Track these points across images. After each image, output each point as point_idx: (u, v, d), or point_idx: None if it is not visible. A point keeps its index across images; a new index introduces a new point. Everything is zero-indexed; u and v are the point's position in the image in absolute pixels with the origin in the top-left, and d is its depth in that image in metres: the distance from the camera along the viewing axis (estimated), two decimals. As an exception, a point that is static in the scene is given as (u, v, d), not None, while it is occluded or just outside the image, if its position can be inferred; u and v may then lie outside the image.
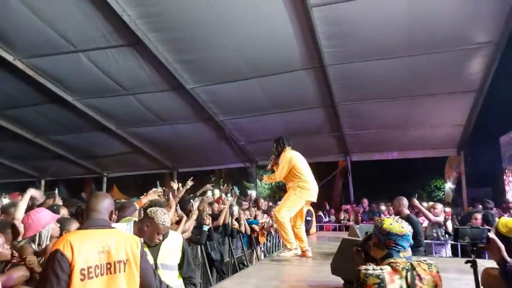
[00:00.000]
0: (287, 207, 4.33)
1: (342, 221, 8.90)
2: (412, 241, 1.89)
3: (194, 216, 4.35)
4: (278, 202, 9.92)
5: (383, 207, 8.15)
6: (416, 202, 5.43)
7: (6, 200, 5.02)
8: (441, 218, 5.41)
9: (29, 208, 3.04)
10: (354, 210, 8.62)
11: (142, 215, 2.83)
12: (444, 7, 4.44)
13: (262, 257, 6.66)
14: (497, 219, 4.56)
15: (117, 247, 1.87)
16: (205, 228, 4.67)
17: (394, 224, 1.85)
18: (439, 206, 5.52)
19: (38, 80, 5.84)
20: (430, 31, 4.83)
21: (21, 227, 2.82)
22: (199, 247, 4.79)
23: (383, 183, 18.04)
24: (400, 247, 1.81)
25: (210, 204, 5.65)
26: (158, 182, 4.04)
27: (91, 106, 6.92)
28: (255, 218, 6.74)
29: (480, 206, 6.61)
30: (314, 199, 4.43)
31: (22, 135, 7.93)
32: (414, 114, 7.12)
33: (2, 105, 6.87)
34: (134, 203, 3.44)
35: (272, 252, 6.86)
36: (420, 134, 7.92)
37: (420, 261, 1.78)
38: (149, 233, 2.49)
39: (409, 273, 1.70)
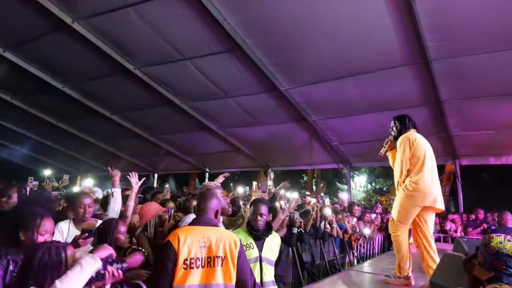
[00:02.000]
0: (399, 215, 3.52)
1: (449, 231, 8.06)
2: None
3: (281, 215, 4.24)
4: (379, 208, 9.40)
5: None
6: None
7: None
8: None
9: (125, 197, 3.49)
10: (462, 220, 7.73)
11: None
12: None
13: (355, 262, 6.46)
14: None
15: (216, 243, 2.10)
16: (295, 230, 4.75)
17: (505, 243, 1.62)
18: None
19: (153, 86, 6.68)
20: None
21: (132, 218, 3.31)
22: (290, 248, 4.90)
23: (502, 191, 15.71)
24: (511, 270, 1.58)
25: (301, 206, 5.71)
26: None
27: (196, 109, 7.62)
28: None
29: None
30: (437, 205, 3.50)
31: (139, 134, 9.15)
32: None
33: (125, 108, 8.04)
34: None
35: (366, 258, 6.60)
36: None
37: None
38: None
39: None
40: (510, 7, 4.09)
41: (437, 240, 8.23)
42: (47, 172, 7.50)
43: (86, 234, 2.48)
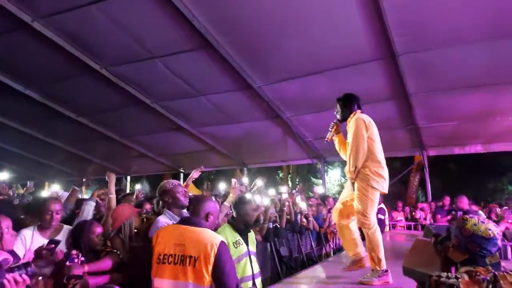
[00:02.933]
0: (371, 208, 3.28)
1: (418, 220, 8.38)
2: (500, 245, 1.68)
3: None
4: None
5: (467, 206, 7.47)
6: None
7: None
8: None
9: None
10: (431, 208, 8.06)
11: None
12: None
13: (332, 254, 6.59)
14: None
15: (191, 243, 2.13)
16: (270, 225, 4.80)
17: (480, 225, 1.65)
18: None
19: (122, 86, 6.48)
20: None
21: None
22: (268, 243, 4.93)
23: (467, 179, 16.50)
24: (485, 252, 1.60)
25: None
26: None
27: (167, 108, 7.47)
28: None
29: None
30: (386, 191, 3.40)
31: (109, 136, 8.87)
32: (501, 103, 6.38)
33: (93, 109, 7.76)
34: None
35: (342, 249, 6.75)
36: (508, 125, 7.07)
37: (507, 272, 1.51)
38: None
39: (490, 285, 1.47)
40: (472, 2, 4.27)
41: (408, 228, 8.56)
42: (3, 176, 7.10)
43: (52, 246, 2.38)
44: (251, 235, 3.10)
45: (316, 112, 7.29)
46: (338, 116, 3.68)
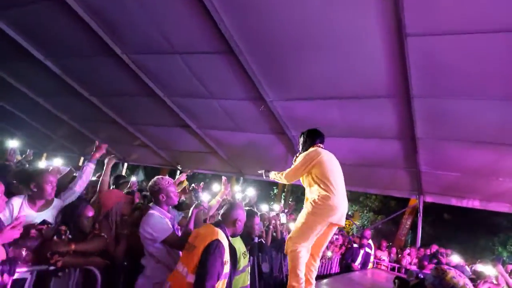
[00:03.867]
0: (302, 232, 3.27)
1: (403, 264, 8.31)
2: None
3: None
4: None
5: (457, 258, 7.39)
6: (502, 270, 4.90)
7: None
8: None
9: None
10: (418, 254, 7.99)
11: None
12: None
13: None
14: None
15: (198, 236, 2.63)
16: (256, 239, 4.78)
17: (458, 279, 1.71)
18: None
19: (138, 74, 6.55)
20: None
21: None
22: (252, 256, 4.90)
23: (458, 232, 16.37)
24: None
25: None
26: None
27: (178, 104, 7.53)
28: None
29: None
30: (341, 223, 3.32)
31: (116, 120, 8.93)
32: (505, 164, 6.38)
33: (106, 91, 7.84)
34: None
35: (324, 276, 6.69)
36: (510, 187, 7.06)
37: None
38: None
39: None
40: (489, 62, 4.33)
41: (392, 269, 8.46)
42: (13, 144, 7.13)
43: (44, 227, 2.40)
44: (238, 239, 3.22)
45: (324, 136, 7.29)
46: (300, 148, 3.78)
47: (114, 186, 4.64)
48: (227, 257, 2.59)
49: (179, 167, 11.35)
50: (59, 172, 4.30)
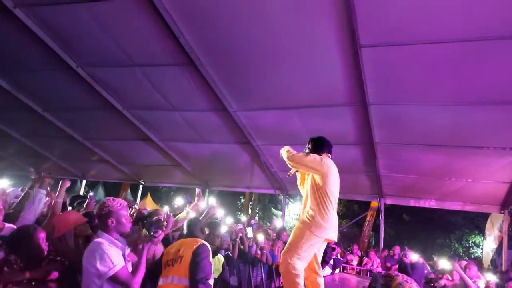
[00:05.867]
0: (302, 250, 3.12)
1: (365, 266, 8.55)
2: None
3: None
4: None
5: (416, 256, 7.71)
6: (458, 268, 5.17)
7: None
8: (482, 285, 5.07)
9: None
10: (380, 256, 8.26)
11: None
12: (495, 64, 4.33)
13: (281, 289, 6.53)
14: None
15: (181, 247, 2.91)
16: (222, 252, 4.74)
17: (405, 284, 1.77)
18: (474, 268, 5.19)
19: (96, 88, 6.32)
20: (480, 84, 4.72)
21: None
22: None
23: (418, 232, 17.14)
24: None
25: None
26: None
27: (139, 118, 7.33)
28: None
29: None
30: (335, 238, 3.34)
31: (72, 136, 8.51)
32: (457, 165, 6.82)
33: (60, 106, 7.47)
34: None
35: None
36: (461, 186, 7.53)
37: None
38: None
39: None
40: (445, 66, 4.63)
41: (358, 272, 8.69)
42: None
43: None
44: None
45: (286, 145, 7.40)
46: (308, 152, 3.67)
47: (71, 208, 4.40)
48: (211, 258, 2.94)
49: (141, 182, 11.02)
50: (4, 194, 4.01)
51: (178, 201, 7.29)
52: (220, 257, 3.56)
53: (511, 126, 5.41)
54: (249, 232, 6.11)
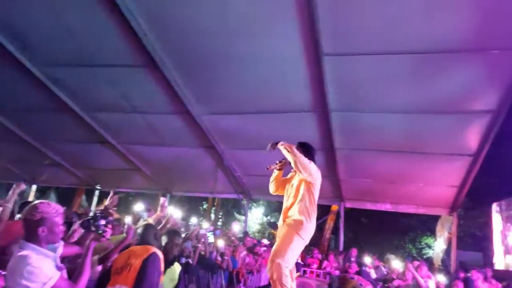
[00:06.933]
0: (292, 253, 3.20)
1: (327, 269, 8.75)
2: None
3: None
4: (264, 240, 9.72)
5: (368, 259, 8.03)
6: (412, 268, 5.42)
7: None
8: (432, 285, 5.36)
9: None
10: (338, 259, 8.49)
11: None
12: (448, 76, 4.64)
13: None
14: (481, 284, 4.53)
15: (131, 255, 2.80)
16: (183, 260, 4.66)
17: (358, 287, 1.83)
18: (425, 268, 5.50)
19: (51, 88, 5.97)
20: (433, 94, 5.03)
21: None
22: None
23: (375, 233, 17.83)
24: None
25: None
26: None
27: (97, 120, 7.03)
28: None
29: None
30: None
31: (22, 137, 7.97)
32: (410, 170, 7.20)
33: (11, 107, 6.97)
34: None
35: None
36: (414, 190, 7.96)
37: None
38: None
39: None
40: (401, 78, 4.88)
41: (317, 275, 8.86)
42: None
43: None
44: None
45: (249, 149, 7.46)
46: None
47: (19, 215, 4.11)
48: (162, 268, 2.86)
49: (97, 187, 10.54)
50: None
51: (138, 207, 7.02)
52: (177, 267, 3.41)
53: (458, 133, 5.81)
54: (211, 237, 6.05)
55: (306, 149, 3.67)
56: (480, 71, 4.49)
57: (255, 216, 21.43)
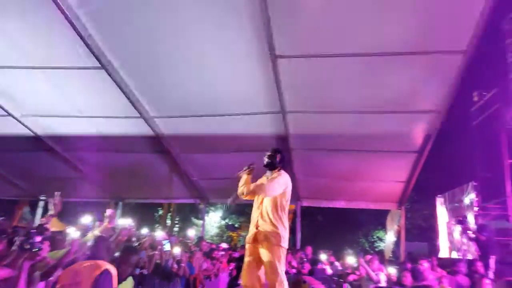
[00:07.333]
0: (282, 267, 3.37)
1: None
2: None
3: None
4: (223, 244, 9.60)
5: (323, 256, 8.22)
6: (364, 262, 5.64)
7: None
8: (383, 278, 5.61)
9: None
10: (296, 257, 8.62)
11: None
12: (395, 77, 4.90)
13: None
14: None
15: (80, 271, 2.58)
16: (137, 270, 4.47)
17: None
18: (376, 262, 5.76)
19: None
20: (382, 95, 5.28)
21: None
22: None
23: (331, 230, 18.42)
24: None
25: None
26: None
27: (40, 126, 6.53)
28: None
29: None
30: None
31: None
32: (362, 167, 7.52)
33: None
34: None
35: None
36: (366, 186, 8.33)
37: None
38: None
39: None
40: (348, 81, 5.06)
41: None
42: None
43: None
44: None
45: (206, 153, 7.36)
46: (267, 161, 3.78)
47: None
48: (116, 284, 2.67)
49: (42, 197, 9.80)
50: None
51: (85, 218, 6.56)
52: (129, 281, 3.20)
53: (404, 132, 6.17)
54: (167, 245, 5.86)
55: (282, 157, 3.78)
56: (424, 72, 4.79)
57: (213, 220, 21.18)
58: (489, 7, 3.63)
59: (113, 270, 2.67)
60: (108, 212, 3.56)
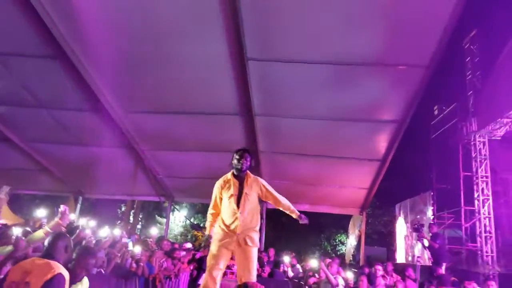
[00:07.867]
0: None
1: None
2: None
3: None
4: (187, 244, 9.50)
5: (286, 258, 8.30)
6: (324, 266, 5.76)
7: None
8: (341, 281, 5.75)
9: None
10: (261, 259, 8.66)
11: None
12: (361, 87, 5.06)
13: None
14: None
15: (31, 270, 2.38)
16: (94, 271, 4.34)
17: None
18: (335, 265, 5.91)
19: None
20: (347, 103, 5.42)
21: None
22: None
23: (295, 233, 18.64)
24: None
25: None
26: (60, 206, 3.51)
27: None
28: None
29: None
30: None
31: None
32: (327, 173, 7.67)
33: None
34: None
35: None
36: (329, 191, 8.50)
37: None
38: None
39: None
40: (320, 85, 5.14)
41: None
42: None
43: None
44: None
45: (173, 150, 7.25)
46: (246, 165, 3.93)
47: None
48: None
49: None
50: None
51: (40, 212, 6.23)
52: (85, 282, 2.98)
53: (369, 140, 6.37)
54: (130, 244, 5.72)
55: (253, 159, 3.97)
56: (389, 84, 4.97)
57: (178, 219, 20.89)
58: (451, 26, 3.83)
59: (66, 274, 2.47)
60: (62, 208, 3.33)
